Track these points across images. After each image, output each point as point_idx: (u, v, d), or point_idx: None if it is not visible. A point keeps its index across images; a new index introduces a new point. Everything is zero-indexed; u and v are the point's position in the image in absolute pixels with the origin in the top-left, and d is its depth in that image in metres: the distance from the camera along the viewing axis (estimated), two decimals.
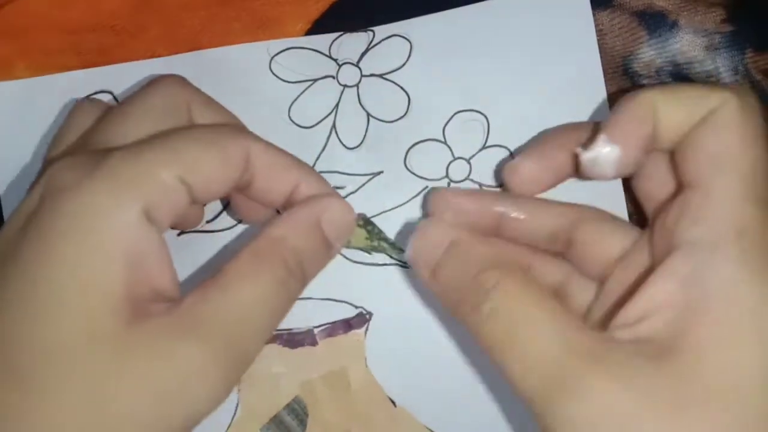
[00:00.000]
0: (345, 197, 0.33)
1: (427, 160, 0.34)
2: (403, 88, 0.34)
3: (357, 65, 0.34)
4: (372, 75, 0.34)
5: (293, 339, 0.33)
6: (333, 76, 0.34)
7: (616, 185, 0.32)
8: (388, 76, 0.34)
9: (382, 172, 0.34)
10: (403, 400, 0.33)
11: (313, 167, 0.33)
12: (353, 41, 0.34)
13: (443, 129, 0.34)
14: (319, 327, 0.33)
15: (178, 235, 0.34)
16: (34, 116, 0.34)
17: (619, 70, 0.33)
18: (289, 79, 0.34)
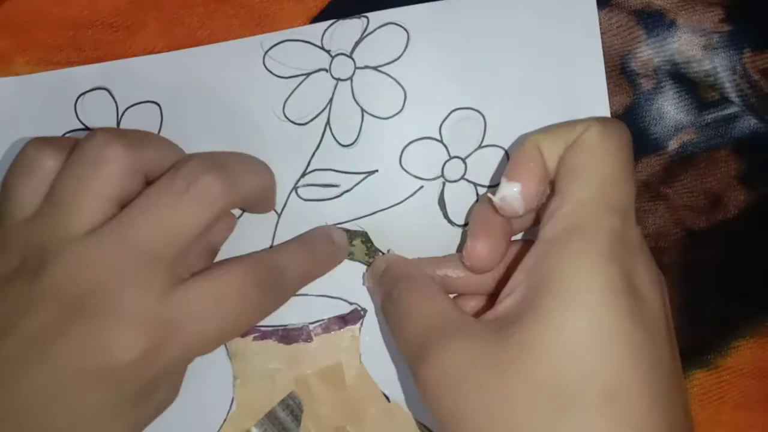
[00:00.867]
0: (340, 196, 0.34)
1: (423, 158, 0.33)
2: (398, 83, 0.33)
3: (350, 56, 0.34)
4: (366, 67, 0.34)
5: (288, 335, 0.33)
6: (326, 69, 0.34)
7: None
8: (383, 69, 0.33)
9: (377, 170, 0.34)
10: (398, 396, 0.33)
11: (308, 165, 0.34)
12: (347, 29, 0.33)
13: (440, 127, 0.33)
14: (314, 323, 0.33)
15: None
16: (33, 112, 0.34)
17: (617, 69, 0.33)
18: (283, 74, 0.34)
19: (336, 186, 0.34)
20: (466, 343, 0.26)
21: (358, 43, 0.33)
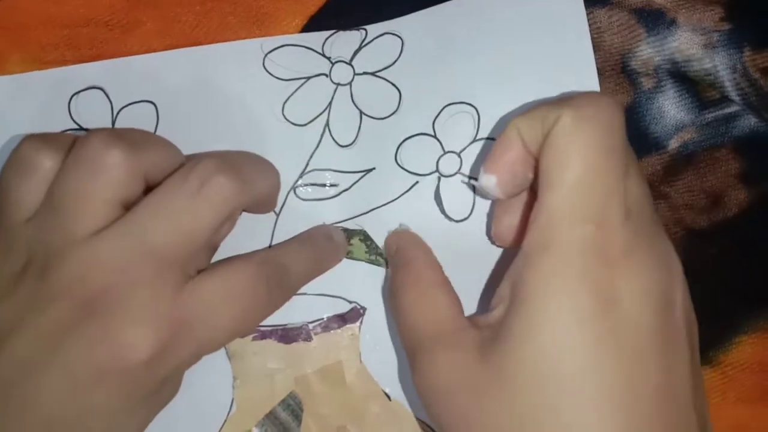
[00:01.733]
0: (338, 195, 0.34)
1: (418, 155, 0.34)
2: (394, 85, 0.34)
3: (350, 63, 0.34)
4: (365, 73, 0.34)
5: (288, 335, 0.33)
6: (326, 74, 0.34)
7: None
8: (380, 74, 0.34)
9: (374, 168, 0.34)
10: (398, 394, 0.33)
11: (307, 165, 0.34)
12: (346, 39, 0.34)
13: (433, 123, 0.33)
14: (313, 322, 0.33)
15: None
16: (28, 111, 0.34)
17: (618, 68, 0.33)
18: (283, 77, 0.34)
19: (335, 185, 0.33)
20: (452, 357, 0.26)
21: (356, 53, 0.34)
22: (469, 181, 0.33)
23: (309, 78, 0.34)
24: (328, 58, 0.34)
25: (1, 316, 0.27)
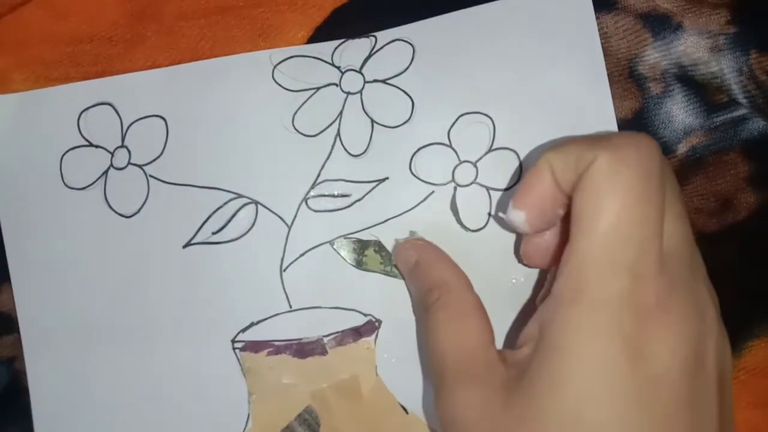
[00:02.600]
0: (351, 205, 0.33)
1: (433, 164, 0.33)
2: (406, 93, 0.33)
3: (360, 72, 0.34)
4: (375, 81, 0.34)
5: (303, 349, 0.33)
6: (336, 84, 0.34)
7: None
8: (391, 81, 0.33)
9: (388, 178, 0.33)
10: (416, 407, 0.33)
11: (318, 176, 0.33)
12: (355, 48, 0.34)
13: (448, 132, 0.33)
14: (328, 336, 0.33)
15: (183, 247, 0.33)
16: (37, 129, 0.33)
17: (625, 73, 0.33)
18: (292, 88, 0.33)
19: (347, 196, 0.33)
20: (477, 395, 0.26)
21: (366, 60, 0.34)
22: (497, 214, 0.33)
23: (319, 88, 0.34)
24: (338, 68, 0.34)
25: None
